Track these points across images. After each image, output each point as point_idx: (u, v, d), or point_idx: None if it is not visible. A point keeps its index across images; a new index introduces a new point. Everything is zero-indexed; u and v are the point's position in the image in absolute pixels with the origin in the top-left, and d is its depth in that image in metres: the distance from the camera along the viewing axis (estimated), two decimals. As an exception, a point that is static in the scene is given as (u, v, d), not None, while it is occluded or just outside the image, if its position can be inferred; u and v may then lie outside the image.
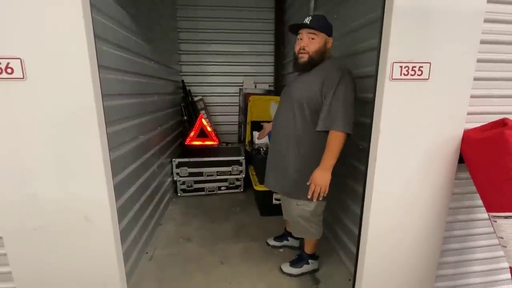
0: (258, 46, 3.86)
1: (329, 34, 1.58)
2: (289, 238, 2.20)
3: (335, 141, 1.47)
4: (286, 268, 1.93)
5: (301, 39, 1.56)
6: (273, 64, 3.98)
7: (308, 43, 1.53)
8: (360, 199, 1.41)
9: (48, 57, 1.09)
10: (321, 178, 1.49)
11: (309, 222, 1.74)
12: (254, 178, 2.88)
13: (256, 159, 2.77)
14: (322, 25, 1.53)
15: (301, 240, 2.04)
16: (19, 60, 1.07)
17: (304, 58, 1.55)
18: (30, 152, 1.16)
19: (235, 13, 3.73)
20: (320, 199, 1.56)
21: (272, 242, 2.23)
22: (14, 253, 1.26)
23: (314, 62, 1.56)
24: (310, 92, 1.53)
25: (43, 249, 1.27)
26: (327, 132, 1.51)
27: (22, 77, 1.08)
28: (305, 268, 1.92)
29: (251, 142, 2.95)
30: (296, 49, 1.59)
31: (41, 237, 1.25)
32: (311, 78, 1.56)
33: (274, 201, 2.72)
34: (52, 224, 1.25)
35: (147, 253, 2.13)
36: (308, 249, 1.91)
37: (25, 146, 1.15)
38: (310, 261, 1.92)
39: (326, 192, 1.53)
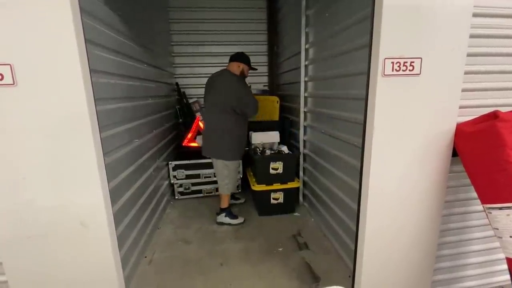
0: (252, 46, 3.86)
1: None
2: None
3: None
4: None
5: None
6: (267, 64, 3.99)
7: None
8: (357, 195, 1.42)
9: (39, 63, 1.08)
10: None
11: None
12: (251, 179, 2.88)
13: (253, 159, 2.77)
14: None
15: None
16: (9, 66, 1.06)
17: None
18: (23, 159, 1.15)
19: (227, 14, 3.73)
20: None
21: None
22: (10, 262, 1.25)
23: None
24: None
25: (39, 257, 1.25)
26: None
27: (12, 83, 1.07)
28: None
29: (248, 142, 2.95)
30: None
31: (37, 245, 1.24)
32: None
33: (272, 201, 2.73)
34: (48, 232, 1.23)
35: (146, 257, 2.12)
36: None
37: (18, 153, 1.14)
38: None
39: None
